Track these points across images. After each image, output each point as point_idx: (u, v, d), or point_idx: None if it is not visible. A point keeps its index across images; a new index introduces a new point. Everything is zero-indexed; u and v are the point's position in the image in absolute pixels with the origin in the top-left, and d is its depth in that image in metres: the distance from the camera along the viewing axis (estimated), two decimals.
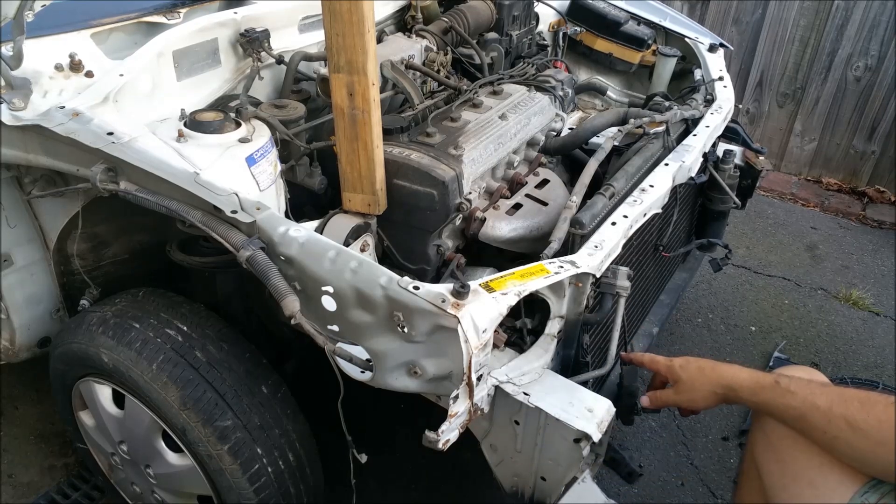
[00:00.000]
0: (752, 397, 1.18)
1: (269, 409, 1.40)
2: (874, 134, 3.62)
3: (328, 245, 1.15)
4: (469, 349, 1.06)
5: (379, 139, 1.32)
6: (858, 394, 1.08)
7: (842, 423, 1.05)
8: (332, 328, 1.18)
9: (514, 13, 2.20)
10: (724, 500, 1.97)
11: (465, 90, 1.78)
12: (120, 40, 1.58)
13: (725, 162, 2.04)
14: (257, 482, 1.37)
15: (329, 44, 1.24)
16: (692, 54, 2.39)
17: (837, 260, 3.17)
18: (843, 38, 3.50)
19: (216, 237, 1.20)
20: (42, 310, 1.69)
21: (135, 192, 1.27)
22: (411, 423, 1.24)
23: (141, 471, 1.59)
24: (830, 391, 1.10)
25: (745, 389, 1.19)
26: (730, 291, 2.88)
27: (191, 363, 1.36)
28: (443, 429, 1.13)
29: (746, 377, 1.20)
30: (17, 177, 1.52)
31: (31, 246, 1.61)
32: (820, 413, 1.08)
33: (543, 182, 1.72)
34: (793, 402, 1.11)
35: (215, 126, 1.32)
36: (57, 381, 1.63)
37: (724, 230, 2.28)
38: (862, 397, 1.06)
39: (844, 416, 1.05)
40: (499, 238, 1.53)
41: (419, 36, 1.95)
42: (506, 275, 1.19)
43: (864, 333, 2.67)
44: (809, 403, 1.09)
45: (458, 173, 1.42)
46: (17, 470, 1.96)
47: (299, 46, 1.79)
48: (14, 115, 1.32)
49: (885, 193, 3.67)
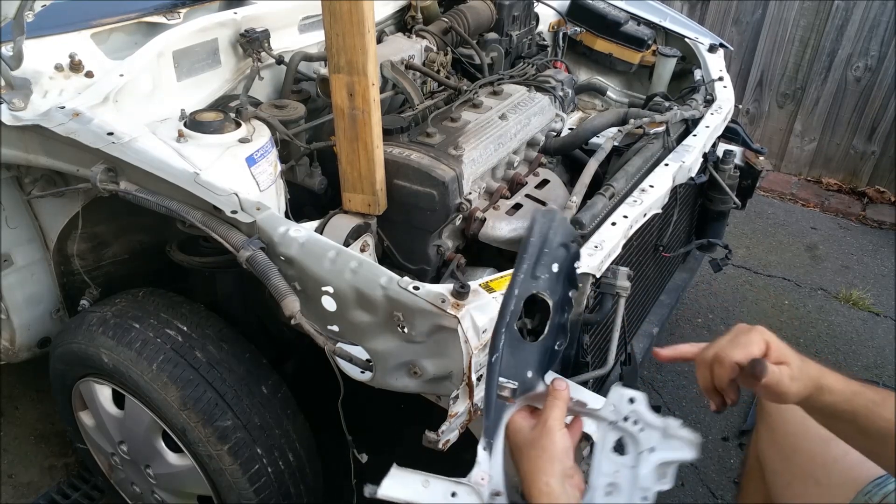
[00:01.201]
0: (846, 403, 0.97)
1: (269, 409, 1.40)
2: (874, 134, 3.62)
3: (328, 245, 1.15)
4: (469, 349, 1.07)
5: (379, 139, 1.32)
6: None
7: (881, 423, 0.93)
8: (332, 328, 1.18)
9: (514, 13, 2.20)
10: (724, 500, 1.97)
11: (465, 90, 1.78)
12: (120, 40, 1.58)
13: (725, 162, 2.04)
14: (257, 482, 1.37)
15: (329, 44, 1.24)
16: (692, 54, 2.39)
17: (837, 260, 3.17)
18: (843, 38, 3.50)
19: (216, 237, 1.20)
20: (42, 310, 1.69)
21: (135, 192, 1.27)
22: (411, 423, 1.24)
23: (141, 471, 1.59)
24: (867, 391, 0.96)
25: (837, 393, 0.97)
26: (730, 292, 2.88)
27: (191, 363, 1.36)
28: (443, 429, 1.13)
29: (838, 379, 0.98)
30: (17, 177, 1.52)
31: (31, 246, 1.61)
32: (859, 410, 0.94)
33: (543, 182, 1.72)
34: (885, 412, 0.94)
35: (215, 126, 1.32)
36: (57, 381, 1.63)
37: (724, 230, 2.28)
38: None
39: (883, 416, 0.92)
40: (499, 238, 1.53)
41: (419, 36, 1.95)
42: (506, 275, 1.19)
43: (864, 334, 2.67)
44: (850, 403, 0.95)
45: (458, 173, 1.42)
46: (17, 470, 1.96)
47: (299, 46, 1.79)
48: (14, 115, 1.32)
49: (885, 193, 3.67)
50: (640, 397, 0.99)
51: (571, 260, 1.00)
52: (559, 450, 0.92)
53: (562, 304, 1.01)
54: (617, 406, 1.00)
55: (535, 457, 0.92)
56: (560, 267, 0.99)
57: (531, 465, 0.92)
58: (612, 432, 1.00)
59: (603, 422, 1.01)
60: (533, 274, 0.96)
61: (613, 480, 0.98)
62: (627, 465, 0.99)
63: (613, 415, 1.00)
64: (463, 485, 0.93)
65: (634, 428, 0.99)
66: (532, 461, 0.92)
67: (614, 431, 1.00)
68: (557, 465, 0.90)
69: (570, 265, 1.01)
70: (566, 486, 0.89)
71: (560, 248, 0.98)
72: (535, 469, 0.91)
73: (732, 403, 1.00)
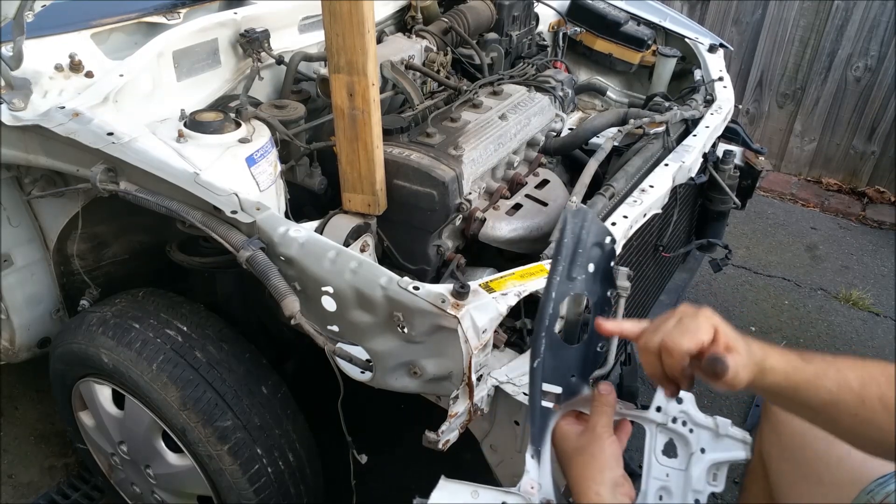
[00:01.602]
0: (785, 380, 0.93)
1: (269, 410, 1.40)
2: (874, 134, 3.62)
3: (328, 245, 1.15)
4: (469, 349, 1.07)
5: (379, 139, 1.32)
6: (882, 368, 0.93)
7: (876, 404, 0.90)
8: (332, 328, 1.18)
9: (514, 13, 2.20)
10: (725, 500, 1.97)
11: (465, 90, 1.78)
12: (120, 40, 1.58)
13: (725, 162, 2.04)
14: (257, 482, 1.37)
15: (329, 44, 1.24)
16: (692, 54, 2.39)
17: (837, 260, 3.17)
18: (843, 38, 3.50)
19: (216, 237, 1.20)
20: (42, 310, 1.69)
21: (135, 192, 1.27)
22: (411, 423, 1.24)
23: (141, 471, 1.59)
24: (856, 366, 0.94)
25: (779, 371, 0.93)
26: (730, 292, 2.88)
27: (191, 363, 1.36)
28: (443, 429, 1.13)
29: (780, 358, 0.94)
30: (17, 177, 1.52)
31: (31, 246, 1.61)
32: (853, 395, 0.91)
33: (543, 182, 1.72)
34: (827, 383, 0.92)
35: (215, 126, 1.32)
36: (57, 381, 1.63)
37: (723, 230, 2.28)
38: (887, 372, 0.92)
39: (879, 396, 0.90)
40: (499, 238, 1.53)
41: (419, 36, 1.95)
42: (506, 275, 1.19)
43: (864, 333, 2.67)
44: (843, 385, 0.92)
45: (458, 173, 1.42)
46: (17, 470, 1.96)
47: (299, 46, 1.79)
48: (14, 116, 1.32)
49: (885, 194, 3.67)
50: (688, 398, 0.97)
51: (607, 259, 0.98)
52: (609, 457, 0.91)
53: (601, 305, 0.99)
54: (664, 408, 0.99)
55: (584, 464, 0.91)
56: (596, 267, 0.97)
57: (580, 472, 0.90)
58: (662, 434, 0.99)
59: (651, 424, 0.99)
60: (569, 275, 0.94)
61: (665, 484, 0.97)
62: (678, 468, 0.97)
63: (662, 417, 0.99)
64: (513, 494, 0.92)
65: (684, 429, 0.98)
66: (581, 469, 0.91)
67: (663, 434, 0.99)
68: (608, 473, 0.89)
69: (607, 264, 0.98)
70: (617, 495, 0.87)
71: (595, 248, 0.96)
72: (585, 477, 0.90)
73: (687, 390, 0.94)
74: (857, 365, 0.94)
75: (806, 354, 0.96)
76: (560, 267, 0.93)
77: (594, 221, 0.95)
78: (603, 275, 0.99)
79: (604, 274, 0.99)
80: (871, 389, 0.92)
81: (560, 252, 0.93)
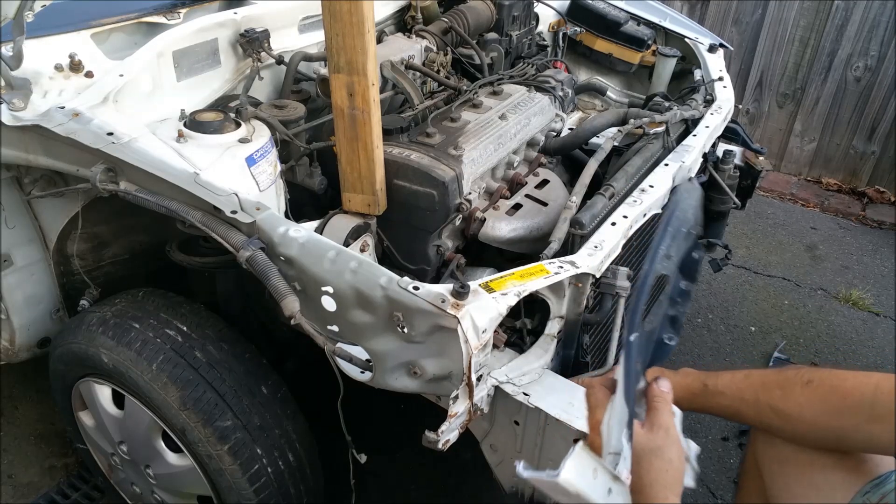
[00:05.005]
0: (690, 406, 1.13)
1: (269, 410, 1.40)
2: (874, 134, 3.62)
3: (328, 245, 1.15)
4: (469, 349, 1.06)
5: (379, 139, 1.32)
6: (778, 378, 1.08)
7: (769, 413, 1.07)
8: (332, 328, 1.18)
9: (514, 13, 2.20)
10: (724, 500, 1.97)
11: (465, 90, 1.78)
12: (120, 40, 1.58)
13: (725, 162, 2.04)
14: (257, 482, 1.37)
15: (329, 44, 1.24)
16: (692, 54, 2.39)
17: (837, 260, 3.17)
18: (843, 38, 3.50)
19: (216, 237, 1.20)
20: (42, 310, 1.69)
21: (135, 192, 1.27)
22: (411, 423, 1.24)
23: (141, 471, 1.59)
24: (753, 381, 1.10)
25: (682, 400, 1.11)
26: (730, 292, 2.88)
27: (191, 363, 1.36)
28: (443, 429, 1.13)
29: (679, 388, 1.11)
30: (17, 177, 1.52)
31: (31, 246, 1.61)
32: (748, 406, 1.09)
33: (543, 182, 1.72)
34: (723, 401, 1.11)
35: (215, 126, 1.32)
36: (57, 381, 1.63)
37: (723, 230, 2.27)
38: (781, 382, 1.07)
39: (769, 405, 1.06)
40: (499, 238, 1.53)
41: (419, 36, 1.95)
42: (506, 275, 1.19)
43: (863, 333, 2.67)
44: (738, 399, 1.09)
45: (458, 173, 1.42)
46: (17, 470, 1.96)
47: (299, 46, 1.79)
48: (14, 116, 1.32)
49: (884, 194, 3.67)
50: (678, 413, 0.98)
51: (690, 250, 0.94)
52: (682, 464, 0.90)
53: (676, 297, 0.96)
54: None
55: (661, 469, 0.89)
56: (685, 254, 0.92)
57: (656, 477, 0.88)
58: None
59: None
60: (668, 253, 0.90)
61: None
62: None
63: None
64: (618, 482, 0.88)
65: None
66: (658, 473, 0.89)
67: None
68: (681, 482, 0.89)
69: (689, 255, 0.95)
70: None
71: (692, 234, 0.92)
72: (661, 483, 0.88)
73: None
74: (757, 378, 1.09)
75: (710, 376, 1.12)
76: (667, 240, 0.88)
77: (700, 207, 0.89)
78: (684, 264, 0.94)
79: (685, 263, 0.94)
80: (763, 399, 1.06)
81: (670, 223, 0.88)
